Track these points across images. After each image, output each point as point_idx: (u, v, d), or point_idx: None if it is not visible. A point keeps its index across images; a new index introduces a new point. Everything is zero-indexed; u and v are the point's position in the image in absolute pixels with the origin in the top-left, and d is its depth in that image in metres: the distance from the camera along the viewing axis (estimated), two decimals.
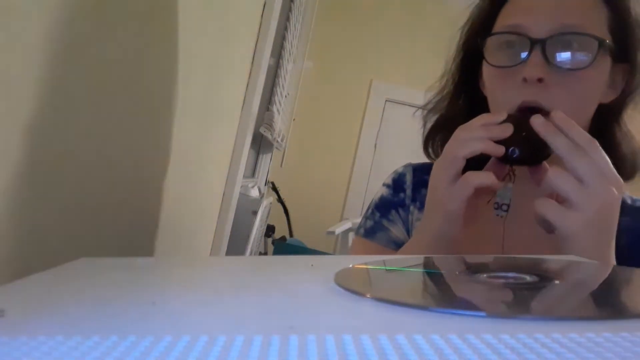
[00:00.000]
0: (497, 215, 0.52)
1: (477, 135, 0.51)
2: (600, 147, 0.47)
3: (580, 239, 0.46)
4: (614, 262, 0.49)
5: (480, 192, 0.51)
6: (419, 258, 0.44)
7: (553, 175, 0.47)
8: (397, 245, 0.66)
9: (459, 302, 0.28)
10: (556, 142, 0.48)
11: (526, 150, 0.51)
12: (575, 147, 0.47)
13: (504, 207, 0.52)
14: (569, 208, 0.46)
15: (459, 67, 0.67)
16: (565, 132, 0.48)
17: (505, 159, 0.52)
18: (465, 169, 0.51)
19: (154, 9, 0.56)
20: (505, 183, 0.53)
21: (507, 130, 0.51)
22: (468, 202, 0.51)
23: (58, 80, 0.40)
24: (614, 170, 0.47)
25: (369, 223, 0.70)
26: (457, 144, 0.52)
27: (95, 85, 0.46)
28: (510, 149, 0.51)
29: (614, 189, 0.46)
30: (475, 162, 0.52)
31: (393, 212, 0.69)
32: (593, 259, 0.46)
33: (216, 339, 0.19)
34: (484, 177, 0.50)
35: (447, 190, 0.51)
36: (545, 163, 0.52)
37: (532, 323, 0.21)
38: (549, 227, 0.49)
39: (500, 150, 0.50)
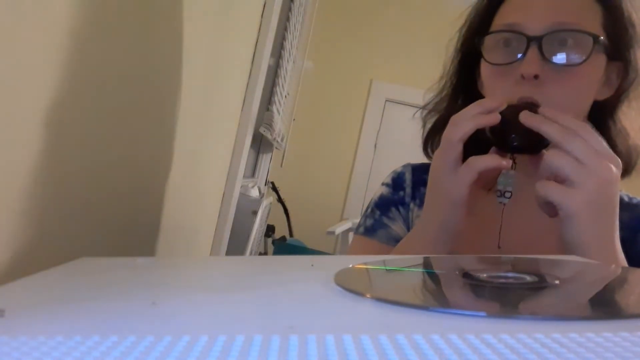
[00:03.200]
0: (500, 202, 0.53)
1: (468, 115, 0.51)
2: (593, 130, 0.48)
3: (583, 217, 0.46)
4: (618, 243, 0.49)
5: (481, 179, 0.51)
6: (419, 258, 0.44)
7: (551, 156, 0.47)
8: (397, 243, 0.66)
9: (459, 302, 0.28)
10: (547, 129, 0.48)
11: (526, 138, 0.51)
12: (567, 131, 0.47)
13: (507, 195, 0.52)
14: (569, 187, 0.46)
15: (457, 68, 0.67)
16: (556, 121, 0.49)
17: (505, 147, 0.52)
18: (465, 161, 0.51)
19: (153, 9, 0.56)
20: (507, 170, 0.53)
21: (501, 102, 0.51)
22: (470, 189, 0.51)
23: (57, 81, 0.40)
24: (610, 149, 0.48)
25: (369, 221, 0.70)
26: (450, 129, 0.52)
27: (95, 86, 0.46)
28: (511, 137, 0.51)
29: (612, 166, 0.47)
30: (476, 153, 0.52)
31: (393, 209, 0.69)
32: (597, 237, 0.47)
33: (216, 339, 0.19)
34: (488, 160, 0.50)
35: (450, 177, 0.51)
36: (545, 152, 0.52)
37: (532, 323, 0.21)
38: (551, 211, 0.49)
39: (495, 118, 0.51)
